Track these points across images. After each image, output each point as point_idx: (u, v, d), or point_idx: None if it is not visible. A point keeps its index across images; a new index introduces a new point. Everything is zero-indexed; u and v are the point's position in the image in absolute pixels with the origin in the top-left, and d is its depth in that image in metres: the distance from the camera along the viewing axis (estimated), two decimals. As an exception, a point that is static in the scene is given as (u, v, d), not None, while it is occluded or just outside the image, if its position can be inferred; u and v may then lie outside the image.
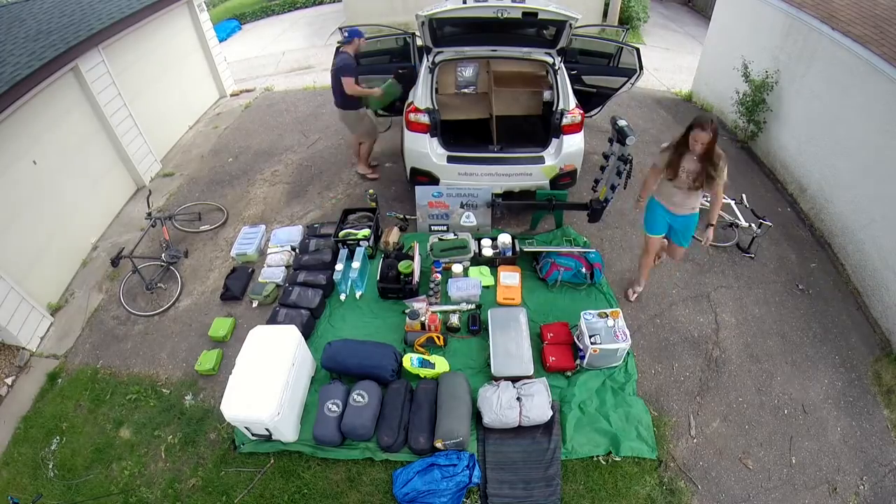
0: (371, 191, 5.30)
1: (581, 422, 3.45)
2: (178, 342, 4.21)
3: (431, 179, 4.82)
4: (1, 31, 5.16)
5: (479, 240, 4.69)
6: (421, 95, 4.70)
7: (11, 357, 4.17)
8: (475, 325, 4.05)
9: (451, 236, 4.67)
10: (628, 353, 3.88)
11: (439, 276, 4.44)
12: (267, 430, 3.19)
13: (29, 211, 4.55)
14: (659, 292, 4.44)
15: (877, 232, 4.37)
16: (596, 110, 5.96)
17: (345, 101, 5.14)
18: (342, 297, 4.38)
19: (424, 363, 3.67)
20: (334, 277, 4.45)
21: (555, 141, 4.73)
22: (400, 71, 5.45)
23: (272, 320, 4.06)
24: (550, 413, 3.34)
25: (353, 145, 5.85)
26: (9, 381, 4.04)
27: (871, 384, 3.83)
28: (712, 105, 7.45)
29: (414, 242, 4.61)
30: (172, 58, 7.02)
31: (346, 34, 4.97)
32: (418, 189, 4.85)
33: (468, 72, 5.85)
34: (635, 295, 4.33)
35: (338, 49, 5.41)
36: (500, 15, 4.13)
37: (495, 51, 4.79)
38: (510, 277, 4.38)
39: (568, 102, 4.66)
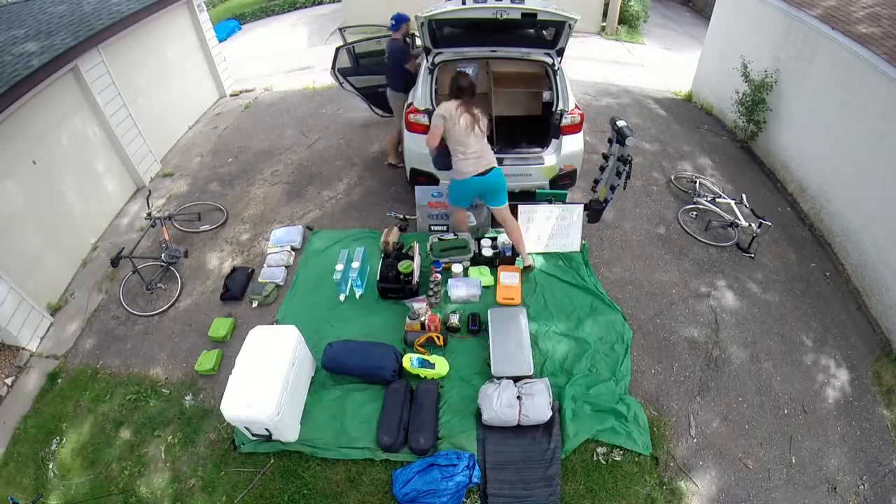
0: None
1: (576, 413, 3.47)
2: (178, 342, 4.21)
3: (431, 180, 4.82)
4: (1, 31, 5.16)
5: (479, 240, 4.70)
6: (421, 96, 4.69)
7: (11, 357, 4.17)
8: (475, 324, 4.05)
9: (450, 236, 4.66)
10: (627, 347, 3.89)
11: (439, 276, 4.44)
12: (267, 430, 3.19)
13: (29, 211, 4.55)
14: (659, 292, 4.44)
15: (877, 231, 4.37)
16: None
17: (399, 84, 5.28)
18: (342, 297, 4.38)
19: (424, 363, 3.67)
20: (334, 277, 4.44)
21: (554, 141, 4.73)
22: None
23: None
24: (550, 413, 3.34)
25: (391, 139, 5.85)
26: (9, 381, 4.04)
27: (871, 384, 3.83)
28: (712, 105, 7.45)
29: (414, 242, 4.61)
30: (172, 58, 7.02)
31: (393, 22, 5.08)
32: (418, 189, 4.85)
33: (468, 72, 5.84)
34: None
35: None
36: (499, 16, 4.12)
37: (495, 51, 4.78)
38: (510, 277, 4.38)
39: (567, 103, 4.66)
